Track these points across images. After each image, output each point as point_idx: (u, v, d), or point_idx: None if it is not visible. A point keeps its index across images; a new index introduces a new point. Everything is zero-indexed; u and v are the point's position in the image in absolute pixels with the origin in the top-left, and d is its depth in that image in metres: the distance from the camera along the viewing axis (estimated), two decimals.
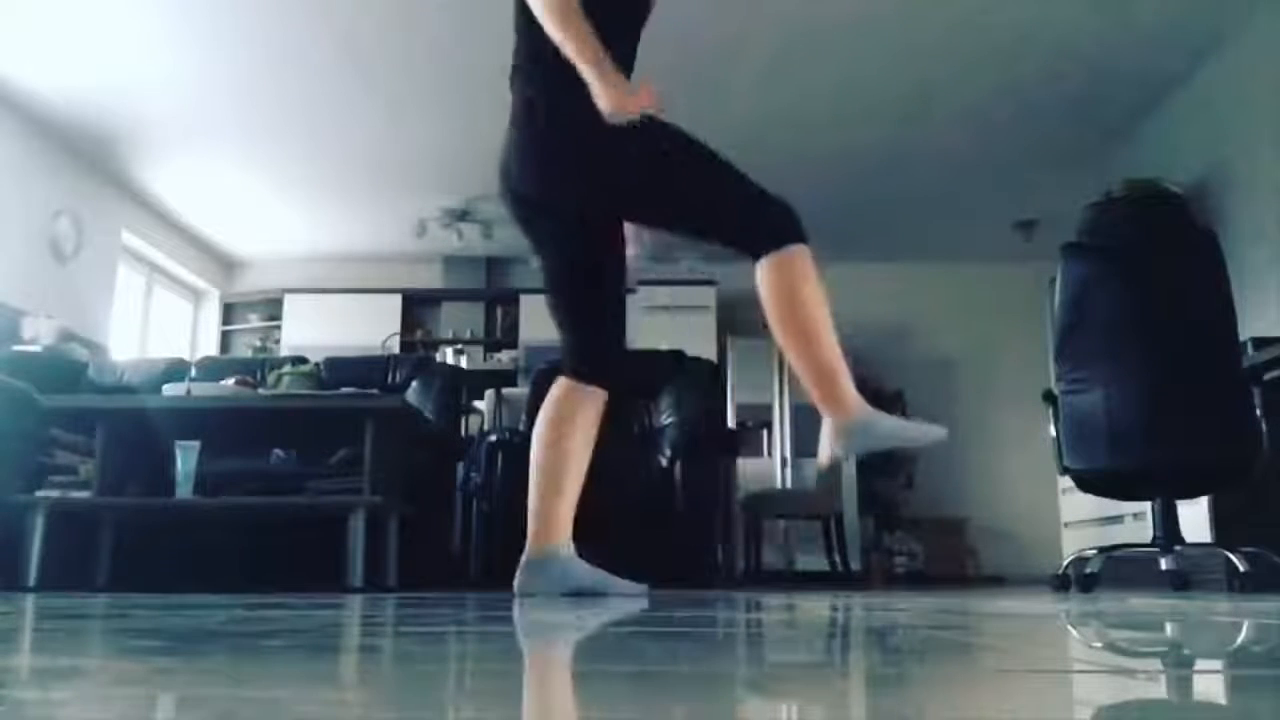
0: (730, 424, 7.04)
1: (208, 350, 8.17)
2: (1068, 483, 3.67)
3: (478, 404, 5.93)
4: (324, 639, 1.07)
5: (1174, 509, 3.23)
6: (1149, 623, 1.43)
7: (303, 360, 4.30)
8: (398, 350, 7.69)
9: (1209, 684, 0.73)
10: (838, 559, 5.59)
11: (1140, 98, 5.57)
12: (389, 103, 5.78)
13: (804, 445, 7.10)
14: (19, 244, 5.89)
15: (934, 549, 7.55)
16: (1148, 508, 3.46)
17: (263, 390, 3.80)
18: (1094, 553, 3.32)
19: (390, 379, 4.47)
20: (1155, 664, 0.87)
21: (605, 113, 2.14)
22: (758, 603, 2.15)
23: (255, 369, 4.47)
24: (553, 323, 2.48)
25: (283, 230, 7.86)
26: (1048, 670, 0.80)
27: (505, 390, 5.95)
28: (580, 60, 2.16)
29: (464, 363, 7.67)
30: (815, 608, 1.92)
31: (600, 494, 2.56)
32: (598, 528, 2.58)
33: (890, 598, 2.65)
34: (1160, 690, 0.70)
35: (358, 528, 3.10)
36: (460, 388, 4.94)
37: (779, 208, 2.25)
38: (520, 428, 4.54)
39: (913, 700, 0.62)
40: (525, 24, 2.29)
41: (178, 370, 4.49)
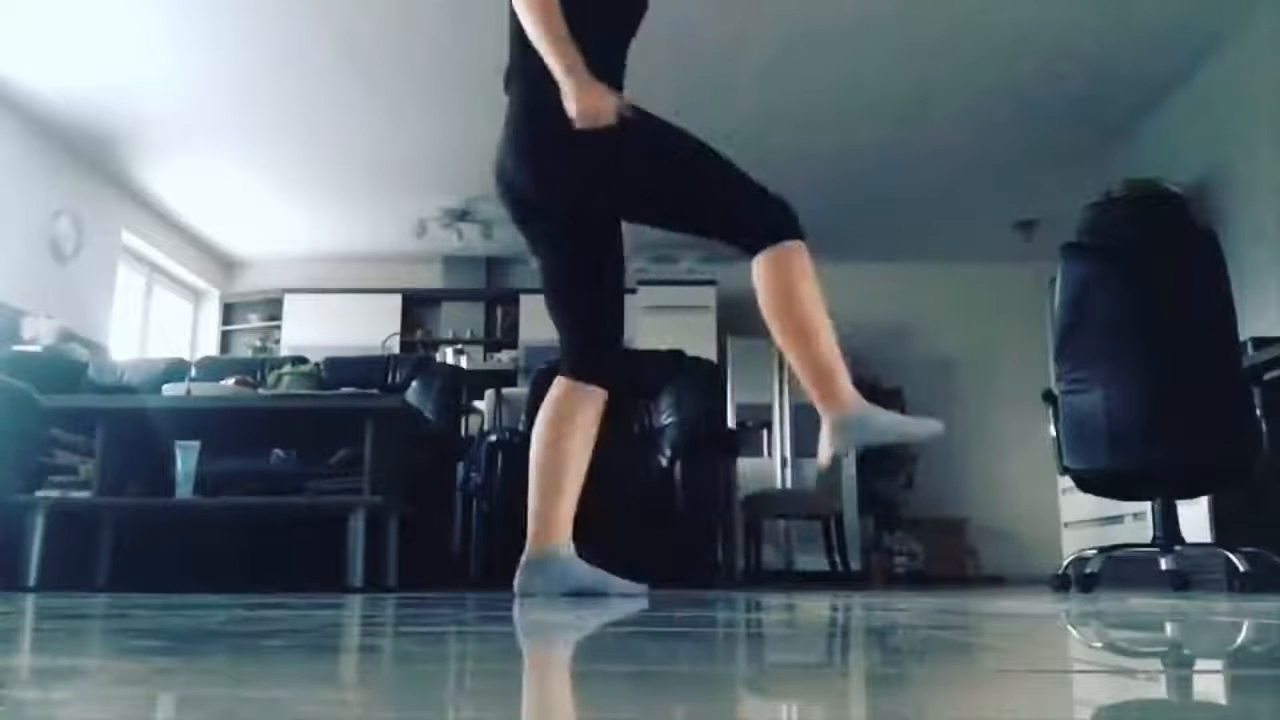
0: (730, 424, 7.04)
1: (208, 350, 8.18)
2: (1068, 483, 3.67)
3: (478, 404, 5.94)
4: (324, 639, 1.07)
5: (1174, 509, 3.23)
6: (1149, 623, 1.43)
7: (303, 360, 4.30)
8: (398, 350, 7.70)
9: (1209, 684, 0.73)
10: (838, 559, 5.59)
11: (1140, 98, 5.57)
12: (389, 103, 5.79)
13: (804, 445, 7.10)
14: (19, 244, 5.90)
15: (934, 549, 7.55)
16: (1148, 508, 3.46)
17: (263, 390, 3.80)
18: (1094, 553, 3.32)
19: (390, 379, 4.47)
20: (1155, 664, 0.87)
21: (574, 118, 2.15)
22: (758, 603, 2.15)
23: (255, 369, 4.48)
24: (551, 322, 2.48)
25: (283, 230, 7.86)
26: (1048, 670, 0.80)
27: (505, 390, 5.96)
28: (554, 61, 2.17)
29: (464, 363, 7.68)
30: (815, 608, 1.92)
31: (600, 494, 2.56)
32: (598, 528, 2.59)
33: (890, 598, 2.65)
34: (1160, 690, 0.70)
35: (358, 528, 3.10)
36: (460, 388, 4.94)
37: (776, 204, 2.25)
38: (520, 428, 4.54)
39: (913, 700, 0.62)
40: (518, 27, 2.29)
41: (178, 370, 4.49)
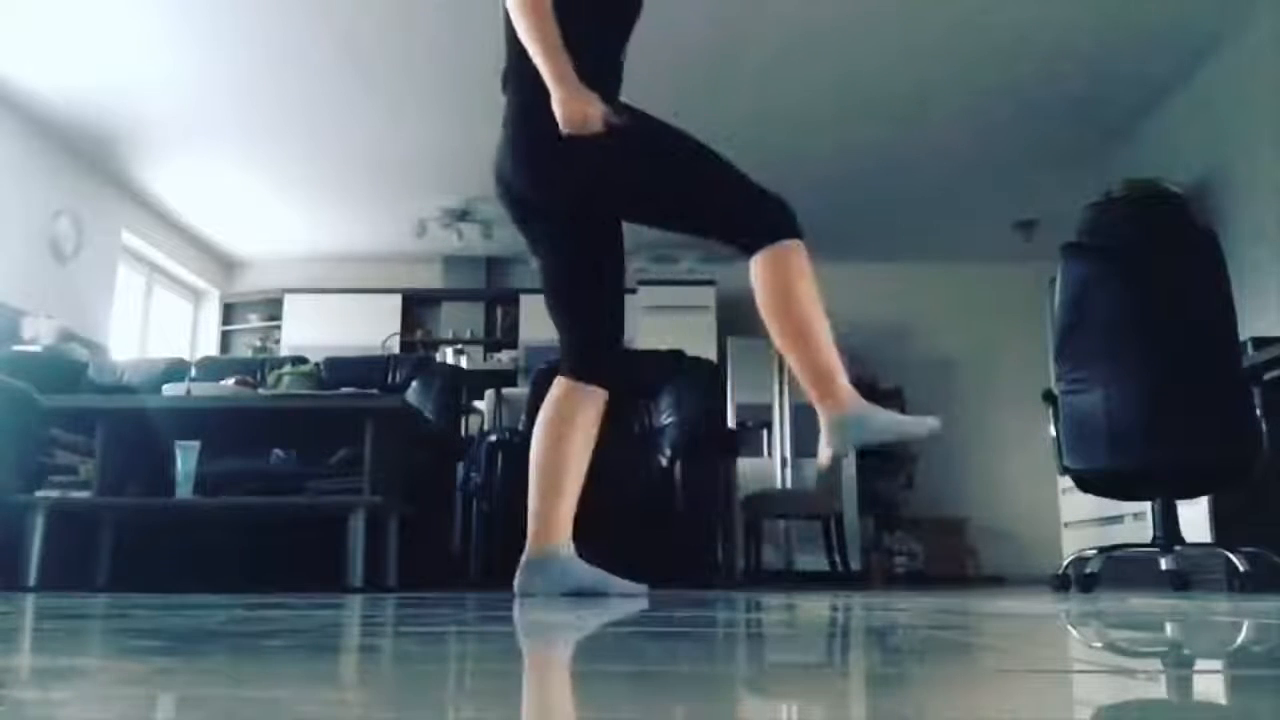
0: (730, 424, 7.04)
1: (208, 350, 8.18)
2: (1068, 483, 3.67)
3: (478, 404, 5.94)
4: (324, 639, 1.07)
5: (1174, 509, 3.23)
6: (1149, 623, 1.43)
7: (303, 360, 4.30)
8: (398, 350, 7.70)
9: (1209, 684, 0.73)
10: (838, 559, 5.59)
11: (1140, 98, 5.57)
12: (389, 103, 5.79)
13: (804, 445, 7.10)
14: (19, 244, 5.90)
15: (934, 549, 7.55)
16: (1148, 508, 3.46)
17: (263, 390, 3.80)
18: (1094, 553, 3.32)
19: (390, 379, 4.47)
20: (1155, 664, 0.87)
21: (562, 124, 2.15)
22: (758, 603, 2.15)
23: (255, 369, 4.48)
24: (551, 322, 2.48)
25: (283, 230, 7.86)
26: (1048, 670, 0.80)
27: (505, 390, 5.96)
28: (544, 67, 2.17)
29: (464, 363, 7.68)
30: (815, 608, 1.92)
31: (600, 494, 2.56)
32: (598, 528, 2.59)
33: (890, 598, 2.65)
34: (1160, 690, 0.70)
35: (358, 528, 3.10)
36: (460, 388, 4.94)
37: (774, 203, 2.25)
38: (520, 428, 4.54)
39: (913, 700, 0.62)
40: (513, 29, 2.29)
41: (178, 370, 4.49)
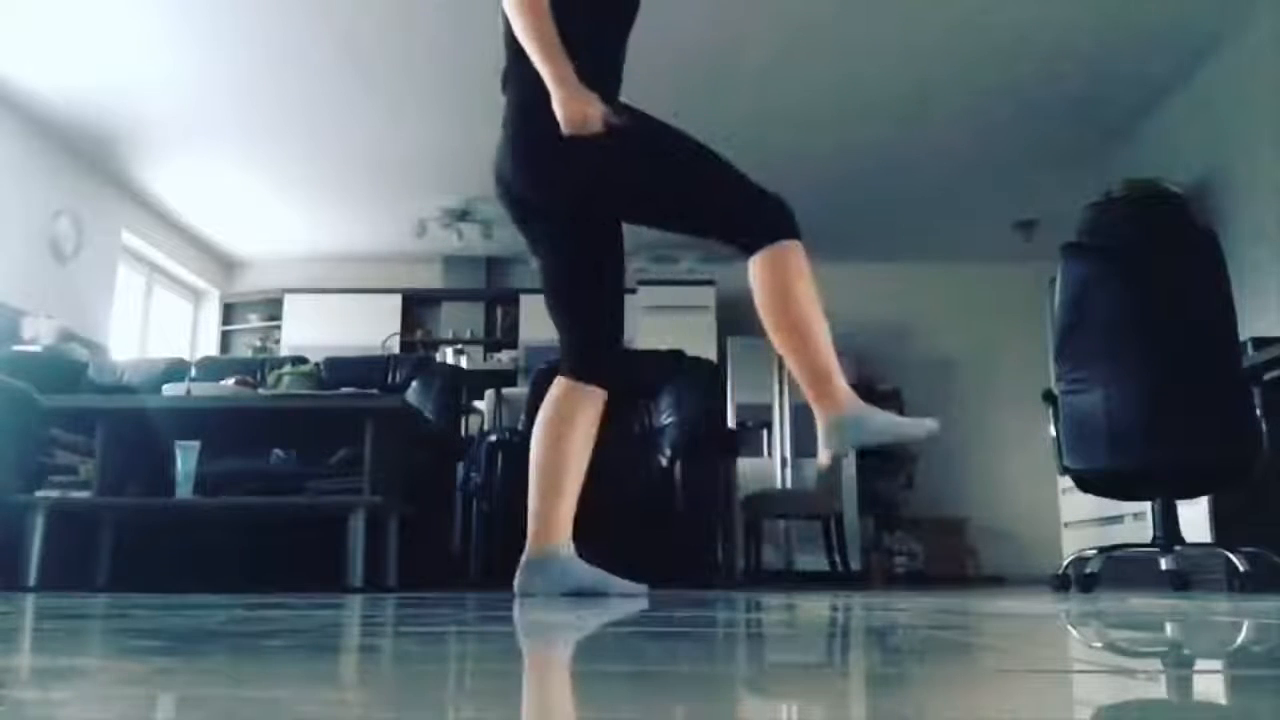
0: (730, 424, 7.04)
1: (208, 350, 8.18)
2: (1068, 483, 3.67)
3: (478, 404, 5.94)
4: (324, 639, 1.07)
5: (1174, 509, 3.23)
6: (1149, 623, 1.43)
7: (303, 360, 4.30)
8: (398, 350, 7.70)
9: (1209, 684, 0.73)
10: (838, 559, 5.59)
11: (1140, 98, 5.57)
12: (389, 103, 5.79)
13: (804, 445, 7.10)
14: (19, 244, 5.90)
15: (934, 549, 7.55)
16: (1148, 508, 3.46)
17: (263, 390, 3.80)
18: (1094, 553, 3.32)
19: (390, 379, 4.47)
20: (1155, 664, 0.87)
21: (562, 124, 2.15)
22: (758, 603, 2.15)
23: (255, 369, 4.48)
24: (551, 322, 2.48)
25: (283, 230, 7.86)
26: (1048, 670, 0.80)
27: (505, 390, 5.96)
28: (542, 68, 2.17)
29: (464, 363, 7.68)
30: (815, 608, 1.92)
31: (600, 494, 2.56)
32: (598, 528, 2.59)
33: (890, 598, 2.65)
34: (1160, 690, 0.70)
35: (358, 528, 3.10)
36: (460, 388, 4.94)
37: (773, 203, 2.25)
38: (520, 428, 4.54)
39: (913, 700, 0.62)
40: (510, 29, 2.29)
41: (178, 370, 4.49)
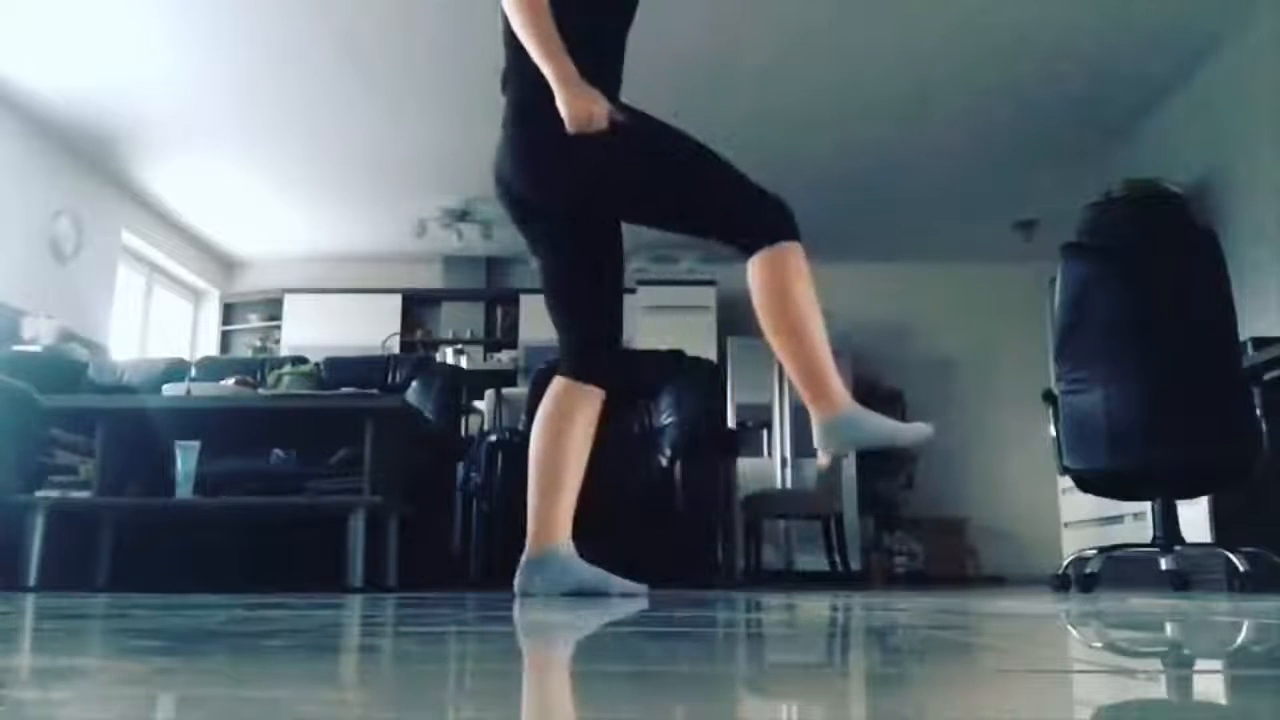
0: (730, 424, 7.04)
1: (208, 350, 8.18)
2: (1068, 483, 3.67)
3: (478, 404, 5.94)
4: (324, 639, 1.07)
5: (1174, 509, 3.23)
6: (1149, 623, 1.43)
7: (303, 360, 4.30)
8: (398, 350, 7.70)
9: (1209, 684, 0.73)
10: (838, 559, 5.59)
11: (1140, 98, 5.57)
12: (389, 103, 5.79)
13: (804, 445, 7.10)
14: (19, 244, 5.90)
15: (934, 549, 7.55)
16: (1148, 508, 3.46)
17: (263, 390, 3.80)
18: (1094, 553, 3.32)
19: (390, 379, 4.47)
20: (1155, 664, 0.87)
21: (567, 121, 2.15)
22: (758, 603, 2.15)
23: (255, 369, 4.48)
24: (551, 322, 2.48)
25: (283, 230, 7.86)
26: (1048, 670, 0.80)
27: (505, 390, 5.96)
28: (544, 66, 2.17)
29: (464, 363, 7.68)
30: (815, 608, 1.92)
31: (600, 494, 2.56)
32: (598, 527, 2.59)
33: (890, 598, 2.65)
34: (1160, 690, 0.70)
35: (358, 528, 3.10)
36: (460, 388, 4.94)
37: (773, 204, 2.25)
38: (520, 428, 4.54)
39: (913, 700, 0.62)
40: (510, 28, 2.29)
41: (178, 370, 4.49)
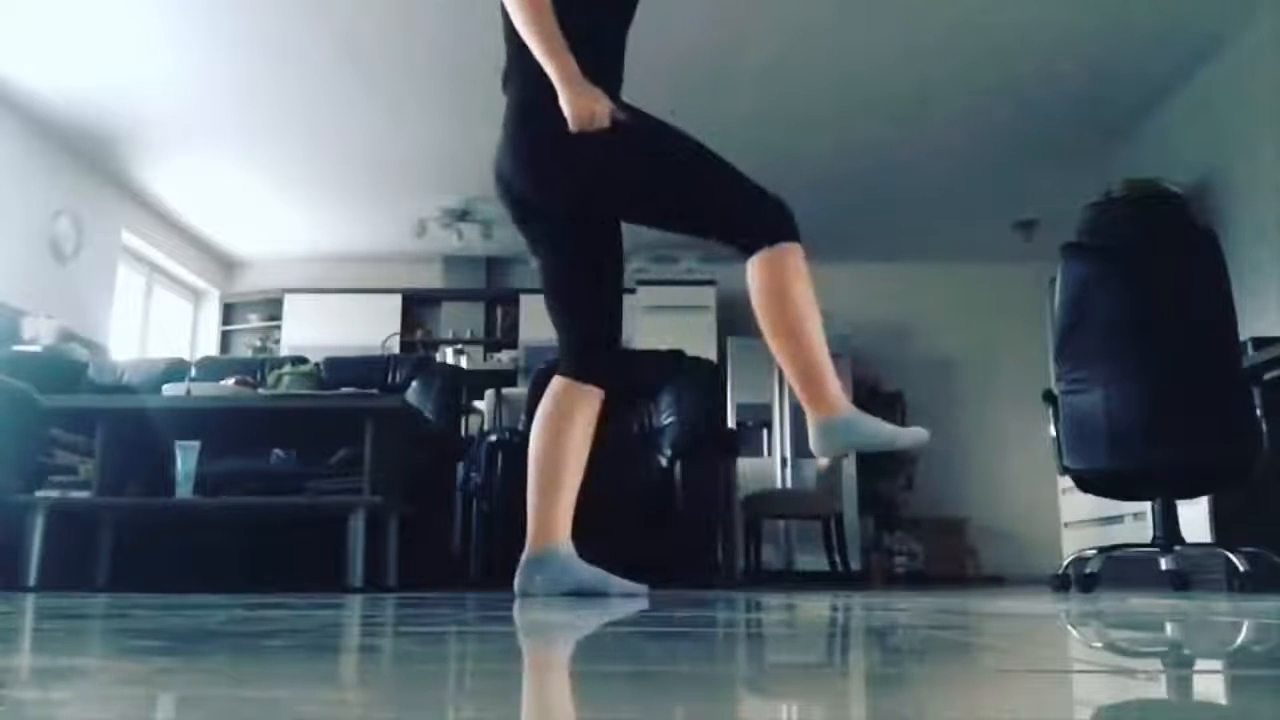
0: (730, 424, 7.04)
1: (208, 350, 8.18)
2: (1068, 483, 3.67)
3: (478, 404, 5.94)
4: (324, 639, 1.07)
5: (1174, 509, 3.23)
6: (1149, 623, 1.43)
7: (303, 360, 4.30)
8: (398, 350, 7.70)
9: (1209, 684, 0.73)
10: (838, 559, 5.59)
11: (1140, 98, 5.57)
12: (389, 103, 5.79)
13: (804, 445, 7.03)
14: (19, 244, 5.90)
15: (934, 549, 7.55)
16: (1148, 508, 3.46)
17: (263, 390, 3.79)
18: (1094, 553, 3.32)
19: (390, 379, 4.47)
20: (1155, 664, 0.87)
21: (570, 120, 2.15)
22: (758, 603, 2.15)
23: (255, 369, 4.48)
24: (551, 322, 2.48)
25: (283, 230, 7.86)
26: (1048, 670, 0.80)
27: (505, 390, 5.96)
28: (547, 64, 2.17)
29: (464, 363, 7.68)
30: (815, 608, 1.92)
31: (600, 494, 2.56)
32: (598, 527, 2.59)
33: (890, 598, 2.65)
34: (1160, 690, 0.70)
35: (358, 528, 3.10)
36: (460, 388, 4.94)
37: (773, 205, 2.24)
38: (520, 428, 4.54)
39: (913, 700, 0.62)
40: (511, 26, 2.29)
41: (178, 370, 4.49)
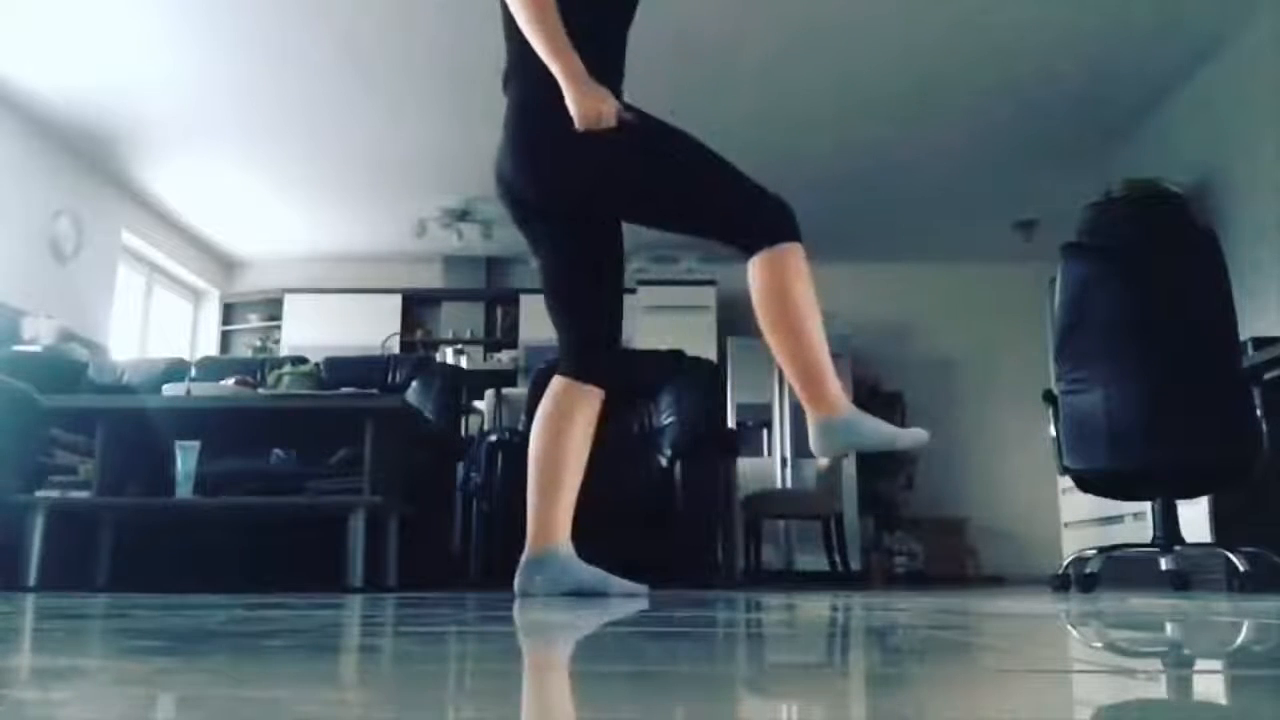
0: (730, 424, 7.04)
1: (208, 350, 8.18)
2: (1068, 483, 3.67)
3: (478, 404, 5.94)
4: (324, 639, 1.07)
5: (1174, 509, 3.23)
6: (1149, 623, 1.43)
7: (303, 360, 4.30)
8: (398, 350, 7.70)
9: (1209, 684, 0.73)
10: (838, 559, 5.59)
11: (1140, 98, 5.57)
12: (389, 103, 5.79)
13: (804, 445, 7.03)
14: (19, 244, 5.90)
15: (934, 549, 7.55)
16: (1148, 508, 3.46)
17: (263, 390, 3.79)
18: (1094, 553, 3.32)
19: (390, 379, 4.47)
20: (1155, 664, 0.87)
21: (576, 119, 2.15)
22: (758, 603, 2.15)
23: (255, 369, 4.47)
24: (551, 322, 2.48)
25: (283, 230, 7.86)
26: (1048, 670, 0.80)
27: (505, 390, 5.96)
28: (552, 64, 2.17)
29: (464, 363, 7.68)
30: (815, 608, 1.92)
31: (600, 494, 2.56)
32: (598, 527, 2.59)
33: (890, 598, 2.65)
34: (1160, 690, 0.70)
35: (358, 528, 3.10)
36: (460, 388, 4.94)
37: (773, 205, 2.24)
38: (520, 428, 4.54)
39: (913, 700, 0.62)
40: (512, 24, 2.29)
41: (178, 370, 4.49)
